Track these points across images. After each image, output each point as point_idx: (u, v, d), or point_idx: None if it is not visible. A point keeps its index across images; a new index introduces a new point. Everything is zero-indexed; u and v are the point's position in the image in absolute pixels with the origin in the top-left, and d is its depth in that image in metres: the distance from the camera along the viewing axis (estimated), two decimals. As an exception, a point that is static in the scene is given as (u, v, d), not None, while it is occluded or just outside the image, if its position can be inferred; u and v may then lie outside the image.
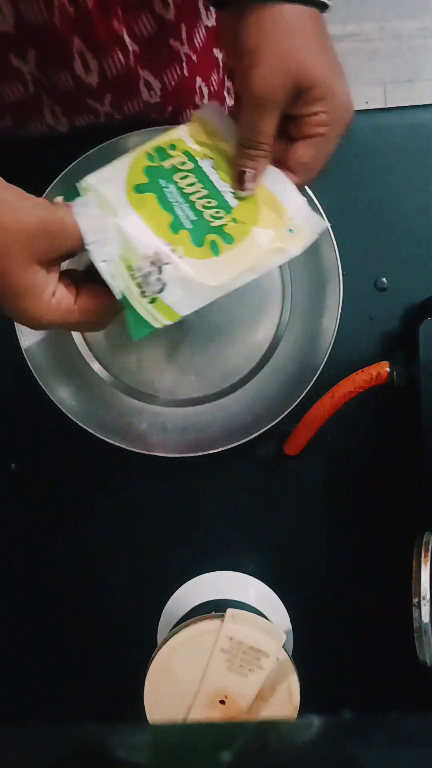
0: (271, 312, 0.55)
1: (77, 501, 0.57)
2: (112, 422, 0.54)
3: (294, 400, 0.52)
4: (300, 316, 0.54)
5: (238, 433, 0.53)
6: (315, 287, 0.53)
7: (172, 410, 0.55)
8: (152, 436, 0.54)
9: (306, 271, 0.53)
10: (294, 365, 0.54)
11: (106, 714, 0.56)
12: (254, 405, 0.54)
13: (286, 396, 0.53)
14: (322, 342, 0.53)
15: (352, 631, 0.56)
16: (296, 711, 0.45)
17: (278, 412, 0.52)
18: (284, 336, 0.55)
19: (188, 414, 0.55)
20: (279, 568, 0.55)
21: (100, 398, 0.55)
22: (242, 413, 0.54)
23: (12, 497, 0.57)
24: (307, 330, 0.54)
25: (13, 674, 0.57)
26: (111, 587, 0.56)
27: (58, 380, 0.54)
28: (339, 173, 0.55)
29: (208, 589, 0.54)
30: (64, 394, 0.53)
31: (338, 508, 0.56)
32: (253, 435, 0.52)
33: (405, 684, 0.53)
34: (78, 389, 0.54)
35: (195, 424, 0.55)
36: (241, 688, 0.45)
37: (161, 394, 0.55)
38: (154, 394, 0.55)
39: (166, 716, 0.45)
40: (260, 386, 0.55)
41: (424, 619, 0.41)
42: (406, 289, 0.55)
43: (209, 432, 0.54)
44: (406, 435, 0.53)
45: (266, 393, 0.54)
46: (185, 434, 0.54)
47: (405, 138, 0.55)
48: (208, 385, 0.55)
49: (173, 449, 0.53)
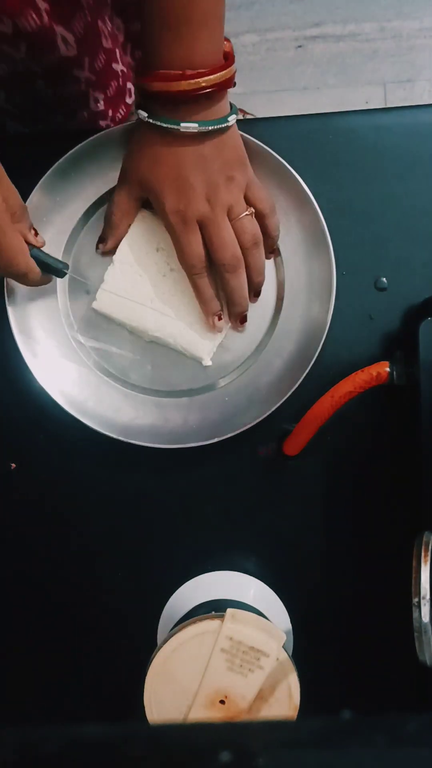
0: (266, 301, 0.55)
1: (77, 501, 0.57)
2: (111, 416, 0.54)
3: (293, 384, 0.52)
4: (295, 302, 0.55)
5: (238, 422, 0.53)
6: (308, 275, 0.54)
7: (171, 401, 0.55)
8: (150, 427, 0.54)
9: (300, 252, 0.54)
10: (292, 351, 0.54)
11: (106, 714, 0.56)
12: (252, 391, 0.55)
13: (286, 381, 0.53)
14: (318, 325, 0.53)
15: (352, 631, 0.56)
16: (296, 711, 0.45)
17: (277, 398, 0.52)
18: (279, 324, 0.55)
19: (186, 404, 0.55)
20: (279, 568, 0.55)
21: (98, 393, 0.55)
22: (240, 400, 0.55)
23: (12, 497, 0.57)
24: (303, 315, 0.54)
25: (13, 674, 0.57)
26: (111, 587, 0.56)
27: (55, 375, 0.54)
28: (339, 173, 0.55)
29: (208, 589, 0.54)
30: (61, 388, 0.53)
31: (338, 508, 0.56)
32: (254, 422, 0.52)
33: (405, 684, 0.53)
34: (74, 384, 0.54)
35: (196, 413, 0.55)
36: (241, 688, 0.45)
37: (158, 386, 0.55)
38: (149, 386, 0.55)
39: (166, 716, 0.45)
40: (258, 373, 0.55)
41: (424, 619, 0.41)
42: (406, 289, 0.55)
43: (208, 421, 0.54)
44: (406, 435, 0.53)
45: (264, 379, 0.54)
46: (186, 425, 0.54)
47: (405, 138, 0.55)
48: (206, 376, 0.55)
49: (173, 440, 0.53)
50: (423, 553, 0.43)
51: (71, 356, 0.55)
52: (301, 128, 0.55)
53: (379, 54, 1.46)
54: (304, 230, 0.54)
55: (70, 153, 0.52)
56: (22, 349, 0.53)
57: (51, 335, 0.55)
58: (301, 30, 1.46)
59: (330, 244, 0.52)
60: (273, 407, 0.52)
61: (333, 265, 0.52)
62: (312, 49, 1.47)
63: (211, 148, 0.48)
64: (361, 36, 1.46)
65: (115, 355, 0.55)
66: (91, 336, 0.55)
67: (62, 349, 0.55)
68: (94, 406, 0.54)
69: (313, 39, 1.46)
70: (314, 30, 1.46)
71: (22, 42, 0.50)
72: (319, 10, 1.45)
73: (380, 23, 1.45)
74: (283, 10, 1.45)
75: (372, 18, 1.45)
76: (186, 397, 0.55)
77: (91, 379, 0.55)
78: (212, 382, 0.55)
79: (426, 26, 1.45)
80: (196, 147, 0.48)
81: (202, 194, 0.48)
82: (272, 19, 1.46)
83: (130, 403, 0.55)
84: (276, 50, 1.46)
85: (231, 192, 0.49)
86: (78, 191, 0.54)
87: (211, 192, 0.48)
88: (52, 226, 0.54)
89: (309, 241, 0.54)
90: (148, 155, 0.49)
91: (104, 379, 0.55)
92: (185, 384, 0.55)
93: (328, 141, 0.55)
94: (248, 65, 1.46)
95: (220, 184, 0.49)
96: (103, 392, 0.55)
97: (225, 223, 0.50)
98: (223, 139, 0.48)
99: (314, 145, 0.55)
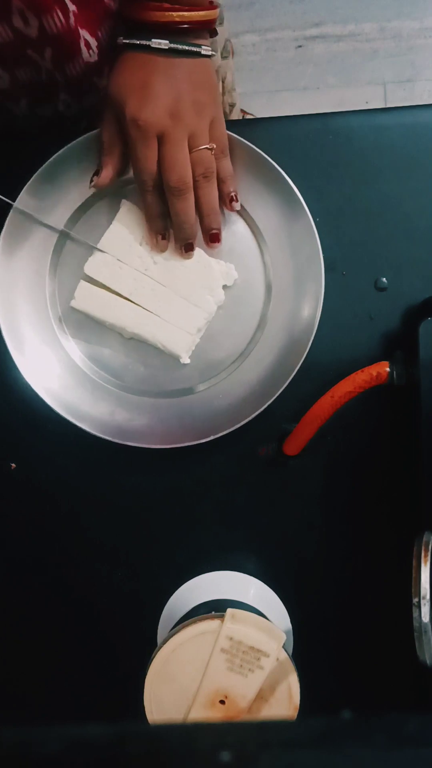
0: (255, 299, 0.55)
1: (77, 501, 0.57)
2: (106, 420, 0.54)
3: (286, 379, 0.52)
4: (283, 298, 0.55)
5: (233, 418, 0.53)
6: (296, 270, 0.54)
7: (165, 401, 0.55)
8: (146, 428, 0.55)
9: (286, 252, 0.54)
10: (282, 346, 0.54)
11: (106, 714, 0.56)
12: (246, 388, 0.55)
13: (279, 376, 0.53)
14: (308, 320, 0.53)
15: (352, 631, 0.56)
16: (296, 711, 0.45)
17: (272, 392, 0.53)
18: (268, 322, 0.55)
19: (181, 404, 0.55)
20: (279, 568, 0.55)
21: (92, 394, 0.55)
22: (235, 398, 0.55)
23: (12, 497, 0.57)
24: (292, 311, 0.54)
25: (13, 674, 0.57)
26: (111, 587, 0.56)
27: (47, 378, 0.54)
28: (339, 173, 0.55)
29: (208, 589, 0.54)
30: (54, 392, 0.54)
31: (338, 508, 0.56)
32: (251, 417, 0.52)
33: (405, 684, 0.53)
34: (68, 388, 0.54)
35: (190, 413, 0.55)
36: (241, 688, 0.45)
37: (150, 386, 0.55)
38: (143, 387, 0.55)
39: (166, 716, 0.45)
40: (250, 369, 0.55)
41: (424, 619, 0.41)
42: (406, 289, 0.55)
43: (203, 420, 0.54)
44: (406, 435, 0.53)
45: (256, 376, 0.54)
46: (182, 424, 0.55)
47: (405, 138, 0.55)
48: (199, 374, 0.55)
49: (169, 440, 0.53)
50: (423, 553, 0.43)
51: (63, 360, 0.55)
52: (301, 128, 0.55)
53: (379, 54, 1.46)
54: (289, 224, 0.54)
55: (55, 156, 0.52)
56: (13, 353, 0.53)
57: (40, 336, 0.55)
58: (301, 30, 1.46)
59: (317, 236, 0.52)
60: (268, 401, 0.52)
61: (321, 258, 0.52)
62: (312, 49, 1.47)
63: (182, 68, 0.48)
64: (361, 36, 1.46)
65: (107, 357, 0.55)
66: (82, 339, 0.56)
67: (54, 353, 0.55)
68: (89, 409, 0.54)
69: (313, 39, 1.46)
70: (314, 30, 1.46)
71: (47, 47, 0.50)
72: (319, 10, 1.45)
73: (380, 23, 1.45)
74: (283, 10, 1.45)
75: (372, 18, 1.45)
76: (180, 396, 0.55)
77: (85, 382, 0.55)
78: (205, 380, 0.55)
79: (426, 26, 1.45)
80: (166, 61, 0.48)
81: (166, 107, 0.48)
82: (272, 19, 1.46)
83: (124, 404, 0.55)
84: (276, 50, 1.46)
85: (197, 118, 0.49)
86: (65, 193, 0.54)
87: (175, 108, 0.48)
88: (39, 230, 0.54)
89: (294, 233, 0.54)
90: (121, 73, 0.49)
91: (98, 383, 0.55)
92: (179, 384, 0.55)
93: (328, 141, 0.55)
94: (248, 65, 1.46)
95: (187, 104, 0.48)
96: (97, 396, 0.55)
97: (183, 145, 0.49)
98: (197, 63, 0.48)
99: (314, 145, 0.55)
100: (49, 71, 0.53)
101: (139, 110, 0.47)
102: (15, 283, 0.54)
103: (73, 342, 0.56)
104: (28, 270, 0.54)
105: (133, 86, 0.48)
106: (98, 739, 0.21)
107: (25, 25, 0.48)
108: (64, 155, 0.53)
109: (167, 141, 0.48)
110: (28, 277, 0.54)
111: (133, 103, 0.47)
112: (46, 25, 0.48)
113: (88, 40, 0.52)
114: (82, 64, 0.54)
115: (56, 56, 0.51)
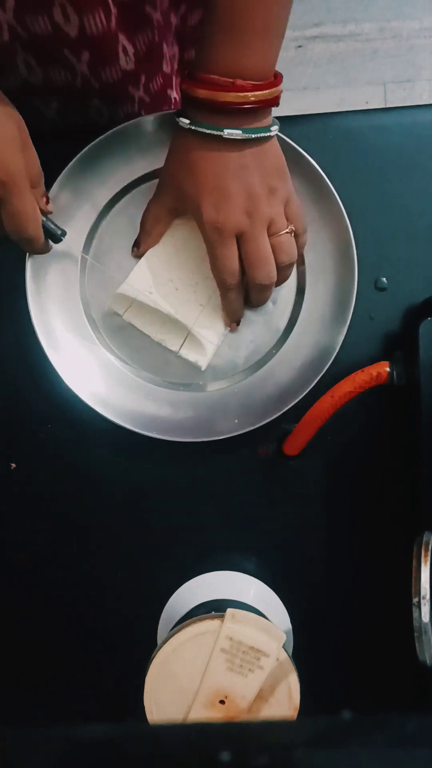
0: (286, 299, 0.55)
1: (76, 501, 0.57)
2: (120, 404, 0.54)
3: (308, 385, 0.52)
4: (315, 301, 0.55)
5: (253, 416, 0.53)
6: (330, 271, 0.54)
7: (184, 394, 0.55)
8: (162, 420, 0.54)
9: (322, 252, 0.55)
10: (309, 350, 0.54)
11: (106, 714, 0.56)
12: (269, 387, 0.55)
13: (302, 382, 0.53)
14: (337, 329, 0.53)
15: (352, 631, 0.56)
16: (296, 711, 0.45)
17: (292, 398, 0.53)
18: (297, 323, 0.55)
19: (198, 399, 0.55)
20: (279, 568, 0.55)
21: (111, 381, 0.55)
22: (257, 395, 0.55)
23: (12, 497, 0.57)
24: (323, 317, 0.54)
25: (13, 674, 0.57)
26: (111, 587, 0.57)
27: (78, 371, 0.54)
28: (339, 173, 0.55)
29: (208, 589, 0.54)
30: (83, 383, 0.53)
31: (338, 508, 0.56)
32: (270, 418, 0.52)
33: (405, 684, 0.53)
34: (87, 372, 0.54)
35: (207, 408, 0.55)
36: (241, 688, 0.45)
37: (171, 378, 0.55)
38: (164, 378, 0.55)
39: (166, 716, 0.45)
40: (274, 370, 0.55)
41: (424, 619, 0.41)
42: (406, 289, 0.55)
43: (224, 416, 0.54)
44: (406, 435, 0.53)
45: (279, 378, 0.55)
46: (197, 420, 0.54)
47: (405, 138, 0.55)
48: (223, 369, 0.55)
49: (182, 434, 0.53)
50: (423, 553, 0.43)
51: (83, 345, 0.55)
52: (301, 128, 0.55)
53: (379, 54, 1.46)
54: (332, 242, 0.54)
55: (92, 144, 0.51)
56: (45, 349, 0.53)
57: (71, 331, 0.54)
58: (301, 30, 1.46)
59: (355, 259, 0.52)
60: (280, 411, 0.52)
61: (355, 280, 0.52)
62: (312, 49, 1.47)
63: (252, 157, 0.46)
64: (361, 36, 1.46)
65: (134, 345, 0.55)
66: (118, 341, 0.55)
67: (84, 344, 0.55)
68: (107, 393, 0.54)
69: (313, 39, 1.47)
70: (314, 30, 1.46)
71: (84, 49, 0.49)
72: (319, 10, 1.45)
73: (380, 23, 1.46)
74: (283, 10, 1.45)
75: (372, 18, 1.45)
76: (199, 392, 0.55)
77: (110, 369, 0.55)
78: (226, 377, 0.56)
79: (426, 26, 1.46)
80: (236, 155, 0.45)
81: (241, 206, 0.46)
82: (272, 19, 1.45)
83: (142, 393, 0.55)
84: (276, 50, 1.46)
85: (272, 205, 0.47)
86: (102, 180, 0.53)
87: (251, 204, 0.46)
88: (74, 217, 0.54)
89: (336, 253, 0.54)
90: (186, 163, 0.47)
91: (121, 370, 0.55)
92: (200, 377, 0.55)
93: (328, 141, 0.55)
94: (248, 65, 1.46)
95: (262, 196, 0.46)
96: (117, 381, 0.55)
97: (264, 239, 0.48)
98: (265, 148, 0.46)
99: (314, 145, 0.55)
100: (85, 76, 0.52)
101: (216, 215, 0.46)
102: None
103: (94, 326, 0.55)
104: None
105: (206, 187, 0.46)
106: (98, 739, 0.21)
107: (65, 21, 0.46)
108: (86, 155, 0.52)
109: (248, 239, 0.47)
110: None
111: (210, 209, 0.46)
112: (87, 26, 0.47)
113: (125, 45, 0.51)
114: (118, 71, 0.53)
115: (93, 60, 0.50)
